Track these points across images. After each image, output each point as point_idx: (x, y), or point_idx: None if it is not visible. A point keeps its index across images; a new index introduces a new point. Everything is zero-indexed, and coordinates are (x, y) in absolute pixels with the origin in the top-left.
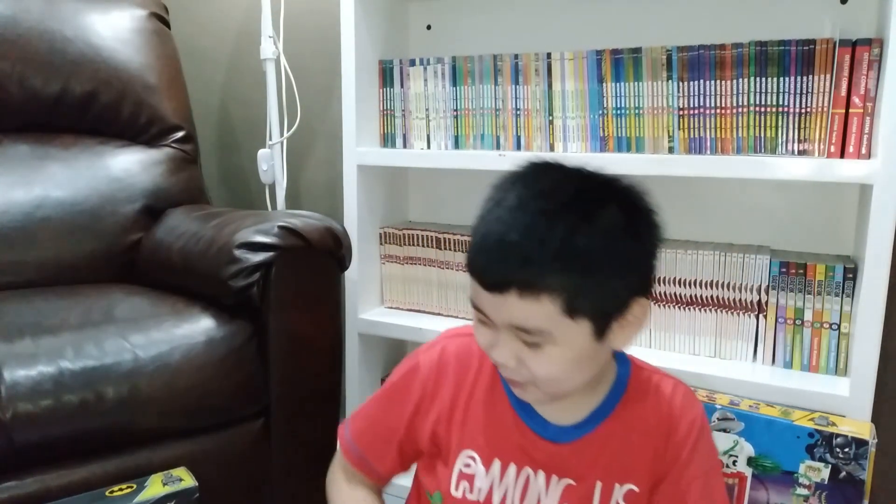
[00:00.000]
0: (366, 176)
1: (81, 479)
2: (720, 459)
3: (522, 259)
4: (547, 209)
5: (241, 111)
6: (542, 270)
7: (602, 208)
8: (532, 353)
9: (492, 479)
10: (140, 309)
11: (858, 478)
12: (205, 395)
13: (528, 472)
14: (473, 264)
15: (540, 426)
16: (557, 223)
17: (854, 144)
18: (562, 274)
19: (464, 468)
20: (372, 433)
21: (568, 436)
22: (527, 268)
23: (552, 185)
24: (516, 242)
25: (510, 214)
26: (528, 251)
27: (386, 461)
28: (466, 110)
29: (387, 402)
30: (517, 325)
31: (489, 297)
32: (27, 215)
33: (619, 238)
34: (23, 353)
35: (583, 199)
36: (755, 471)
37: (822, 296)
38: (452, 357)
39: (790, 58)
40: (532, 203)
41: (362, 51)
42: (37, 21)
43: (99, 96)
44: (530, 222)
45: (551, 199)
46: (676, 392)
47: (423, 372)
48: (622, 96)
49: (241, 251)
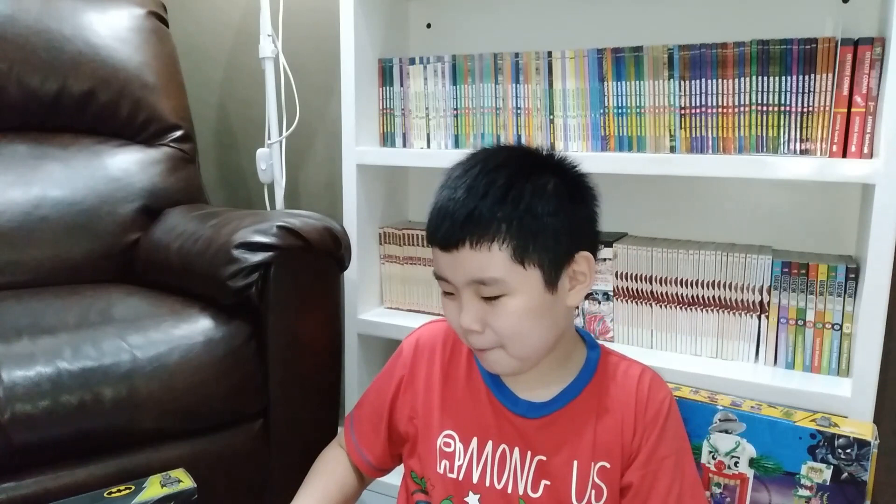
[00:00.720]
0: (365, 175)
1: (80, 481)
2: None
3: (468, 213)
4: (488, 173)
5: (239, 110)
6: (488, 220)
7: (538, 170)
8: (493, 309)
9: (470, 456)
10: (138, 309)
11: (860, 479)
12: (203, 396)
13: (503, 447)
14: (429, 232)
15: (511, 401)
16: (497, 180)
17: (856, 144)
18: (507, 223)
19: (444, 447)
20: (366, 419)
21: (538, 411)
22: (474, 219)
23: (491, 158)
24: (462, 200)
25: (455, 182)
26: (473, 205)
27: (376, 449)
28: (467, 109)
29: (375, 389)
30: (474, 278)
31: (446, 257)
32: (25, 215)
33: (555, 192)
34: (21, 354)
35: (520, 164)
36: (757, 472)
37: (824, 296)
38: (429, 339)
39: (792, 57)
40: (474, 171)
41: (362, 49)
42: (35, 20)
43: (97, 95)
44: (472, 183)
45: (492, 167)
46: (644, 376)
47: (403, 355)
48: (623, 95)
49: (240, 251)
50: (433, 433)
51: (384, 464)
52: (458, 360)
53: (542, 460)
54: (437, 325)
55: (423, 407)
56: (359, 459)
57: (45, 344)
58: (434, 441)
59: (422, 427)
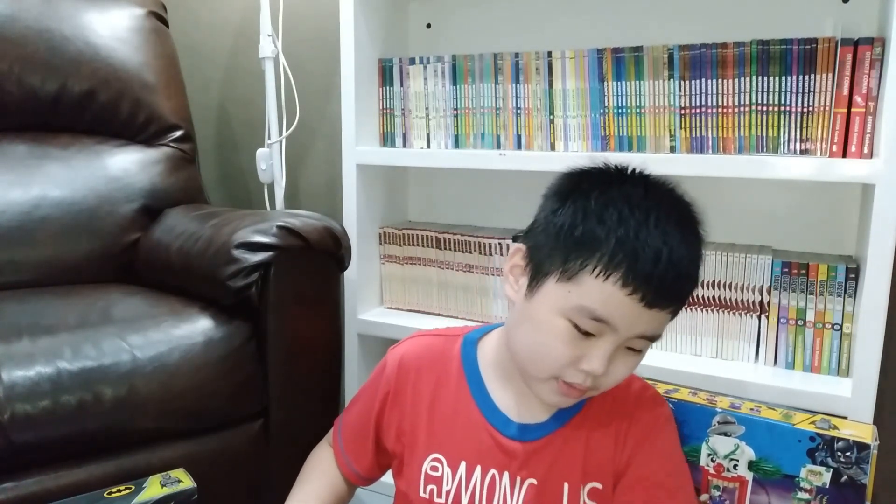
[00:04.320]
0: (365, 175)
1: (79, 480)
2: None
3: (692, 282)
4: (687, 227)
5: (239, 110)
6: (695, 280)
7: (701, 224)
8: (626, 357)
9: (459, 481)
10: (138, 309)
11: (860, 482)
12: (203, 396)
13: (493, 473)
14: (640, 281)
15: (502, 424)
16: (698, 245)
17: (856, 144)
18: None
19: (430, 471)
20: (353, 429)
21: (530, 434)
22: (691, 280)
23: (669, 198)
24: (677, 256)
25: (663, 229)
26: (695, 274)
27: (363, 460)
28: (467, 109)
29: (362, 400)
30: (648, 334)
31: (639, 310)
32: (25, 215)
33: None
34: (20, 354)
35: (694, 215)
36: (756, 475)
37: (824, 296)
38: (414, 358)
39: (792, 57)
40: (668, 219)
41: (362, 49)
42: (35, 20)
43: (97, 95)
44: (685, 242)
45: (679, 216)
46: (645, 392)
47: (387, 371)
48: (623, 95)
49: (240, 251)
50: (419, 456)
51: (371, 473)
52: (448, 382)
53: (532, 484)
54: (421, 343)
55: (409, 427)
56: (346, 468)
57: (45, 344)
58: (419, 464)
59: (408, 447)
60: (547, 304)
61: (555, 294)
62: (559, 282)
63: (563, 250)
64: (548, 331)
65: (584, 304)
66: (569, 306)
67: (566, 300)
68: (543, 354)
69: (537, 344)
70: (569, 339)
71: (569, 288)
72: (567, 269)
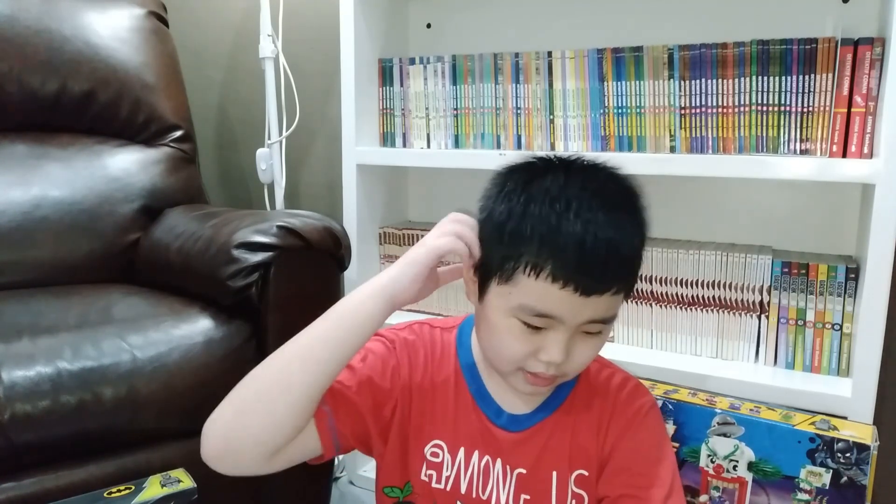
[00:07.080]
0: (365, 175)
1: (79, 481)
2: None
3: (626, 262)
4: (614, 208)
5: (239, 110)
6: (633, 260)
7: (638, 201)
8: (585, 341)
9: (458, 467)
10: (138, 309)
11: (860, 483)
12: (203, 396)
13: (487, 459)
14: (569, 273)
15: (495, 413)
16: (631, 223)
17: (856, 144)
18: (641, 259)
19: (431, 457)
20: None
21: (519, 425)
22: (625, 262)
23: (593, 182)
24: (602, 238)
25: (585, 216)
26: (617, 243)
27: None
28: (466, 109)
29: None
30: (598, 318)
31: (578, 300)
32: (25, 215)
33: (648, 226)
34: (21, 354)
35: (626, 195)
36: (756, 476)
37: (824, 296)
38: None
39: (792, 57)
40: (591, 205)
41: (362, 49)
42: (35, 20)
43: (97, 95)
44: (611, 223)
45: (604, 198)
46: (627, 383)
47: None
48: (623, 95)
49: (240, 251)
50: (422, 440)
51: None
52: (447, 370)
53: (521, 473)
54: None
55: (414, 411)
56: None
57: (45, 344)
58: (422, 448)
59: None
60: (494, 305)
61: (498, 296)
62: (499, 284)
63: (497, 253)
64: (501, 330)
65: (524, 302)
66: (512, 306)
67: (508, 301)
68: (503, 350)
69: (495, 342)
70: (521, 336)
71: (508, 289)
72: (503, 271)
